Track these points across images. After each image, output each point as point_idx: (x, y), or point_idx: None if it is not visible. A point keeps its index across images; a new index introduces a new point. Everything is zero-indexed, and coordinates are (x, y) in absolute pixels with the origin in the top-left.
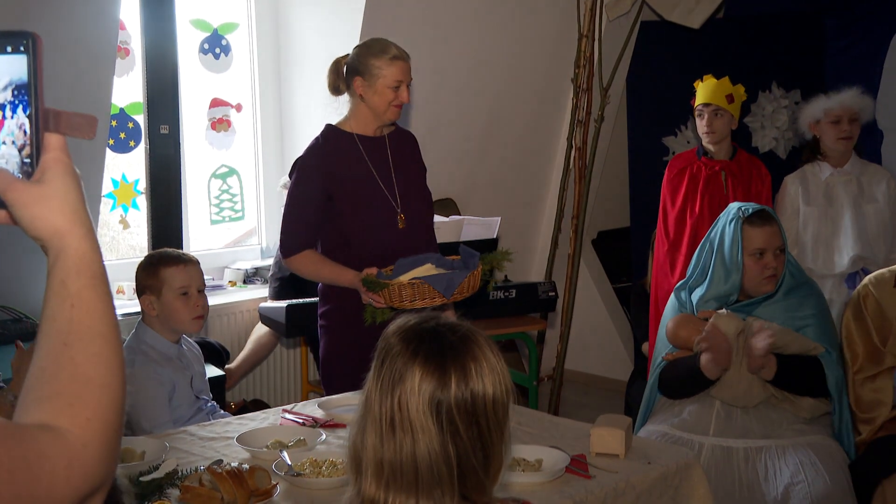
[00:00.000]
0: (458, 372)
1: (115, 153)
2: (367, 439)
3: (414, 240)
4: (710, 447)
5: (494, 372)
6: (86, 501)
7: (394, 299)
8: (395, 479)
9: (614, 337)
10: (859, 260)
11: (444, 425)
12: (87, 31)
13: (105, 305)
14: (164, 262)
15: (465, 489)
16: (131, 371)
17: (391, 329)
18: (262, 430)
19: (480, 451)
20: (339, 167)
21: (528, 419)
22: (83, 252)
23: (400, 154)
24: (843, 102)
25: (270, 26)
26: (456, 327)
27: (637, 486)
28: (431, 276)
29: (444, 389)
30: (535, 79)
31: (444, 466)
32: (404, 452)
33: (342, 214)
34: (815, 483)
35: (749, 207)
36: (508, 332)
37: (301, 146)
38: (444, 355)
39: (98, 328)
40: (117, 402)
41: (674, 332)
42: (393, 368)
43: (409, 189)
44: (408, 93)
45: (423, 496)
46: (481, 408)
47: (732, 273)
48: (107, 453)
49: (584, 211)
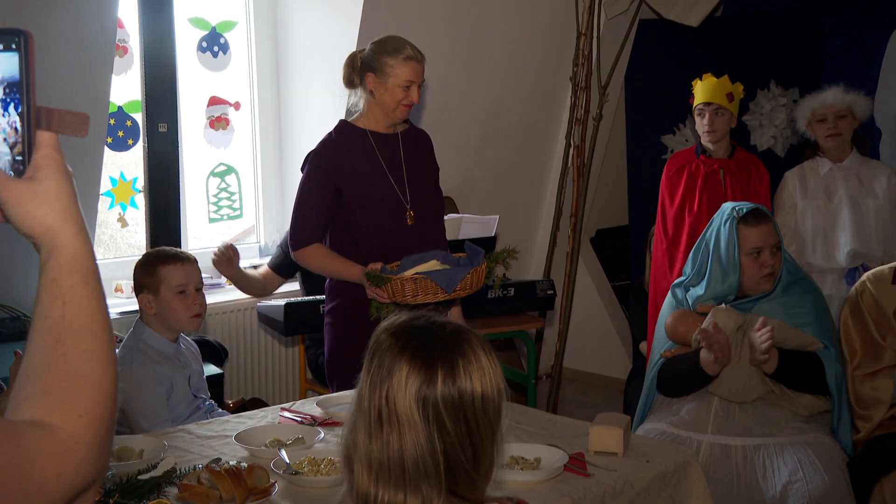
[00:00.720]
0: (445, 368)
1: (113, 151)
2: (358, 435)
3: (423, 237)
4: (708, 445)
5: (484, 370)
6: (78, 498)
7: (396, 294)
8: (383, 474)
9: (613, 335)
10: (857, 255)
11: (431, 420)
12: (85, 30)
13: (97, 303)
14: (161, 261)
15: (454, 485)
16: (129, 369)
17: (382, 326)
18: (260, 428)
19: (469, 448)
20: (350, 161)
21: (526, 417)
22: (75, 250)
23: (413, 152)
24: (825, 101)
25: (269, 24)
26: (446, 325)
27: (635, 485)
28: (434, 272)
29: (430, 385)
30: (534, 77)
31: (430, 461)
32: (391, 447)
33: (350, 208)
34: (813, 481)
35: (743, 207)
36: (507, 330)
37: (299, 144)
38: (433, 351)
39: (89, 325)
40: (109, 399)
41: (672, 328)
42: (382, 364)
43: (421, 186)
44: (418, 93)
45: (411, 491)
46: (469, 405)
47: (730, 273)
48: (98, 450)
49: (582, 209)
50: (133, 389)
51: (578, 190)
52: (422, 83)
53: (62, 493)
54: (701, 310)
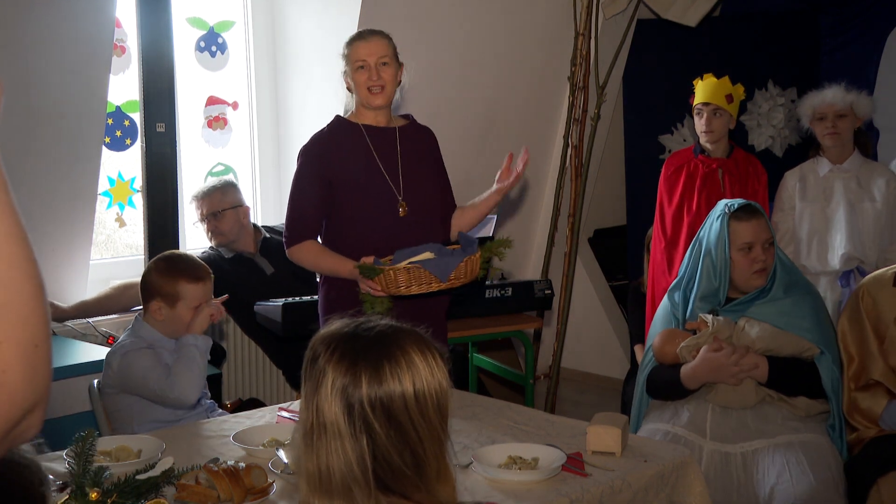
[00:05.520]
0: (369, 371)
1: (111, 151)
2: (299, 449)
3: (417, 228)
4: (708, 452)
5: (417, 370)
6: (22, 422)
7: (389, 286)
8: (317, 485)
9: (611, 335)
10: (852, 259)
11: (358, 425)
12: (83, 29)
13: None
14: (185, 277)
15: (401, 488)
16: (125, 352)
17: (316, 337)
18: (258, 428)
19: (407, 452)
20: (340, 154)
21: (524, 417)
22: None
23: (411, 146)
24: (825, 99)
25: (266, 24)
26: (375, 327)
27: (633, 484)
28: (427, 261)
29: (355, 388)
30: (532, 76)
31: (358, 468)
32: (321, 458)
33: (340, 200)
34: (799, 483)
35: (735, 203)
36: (505, 330)
37: (297, 144)
38: (356, 355)
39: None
40: (30, 318)
41: (660, 348)
42: (313, 375)
43: (418, 180)
44: (386, 72)
45: (340, 498)
46: (400, 407)
47: (721, 269)
48: (31, 372)
49: (580, 209)
50: (130, 365)
51: (576, 190)
52: (384, 62)
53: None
54: (690, 327)
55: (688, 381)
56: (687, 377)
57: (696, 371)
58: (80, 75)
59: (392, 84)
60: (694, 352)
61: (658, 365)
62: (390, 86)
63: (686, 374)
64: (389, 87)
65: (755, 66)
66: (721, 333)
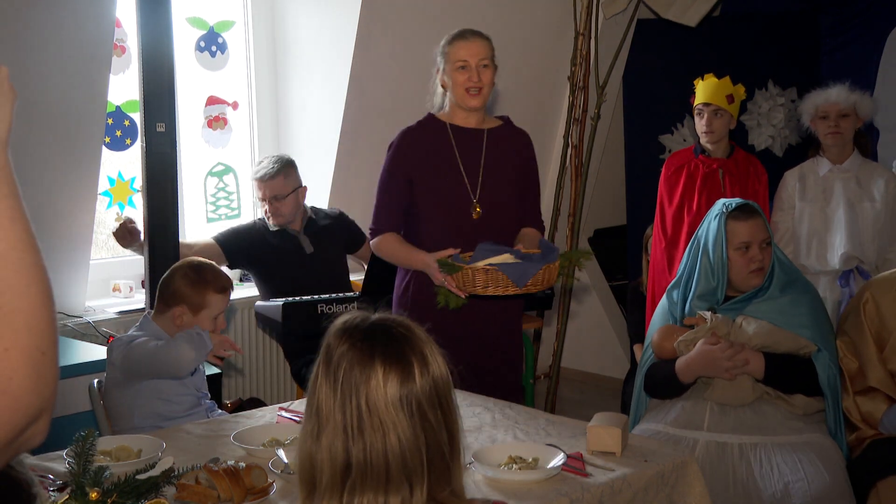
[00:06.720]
0: (418, 360)
1: (111, 151)
2: (327, 448)
3: (489, 231)
4: (704, 443)
5: (437, 351)
6: (28, 429)
7: (466, 284)
8: (362, 480)
9: (611, 335)
10: (851, 258)
11: (415, 415)
12: (83, 29)
13: (10, 222)
14: (213, 287)
15: (432, 481)
16: (130, 342)
17: (332, 333)
18: (258, 428)
19: (445, 433)
20: (422, 152)
21: (524, 417)
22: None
23: (499, 148)
24: (828, 98)
25: (267, 24)
26: (393, 318)
27: (633, 484)
28: (506, 265)
29: (409, 381)
30: (532, 76)
31: (417, 454)
32: (374, 450)
33: (417, 197)
34: (815, 481)
35: (733, 202)
36: None
37: (297, 144)
38: (402, 347)
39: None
40: (37, 325)
41: (659, 345)
42: (351, 372)
43: (497, 183)
44: (486, 74)
45: (392, 492)
46: (442, 388)
47: (718, 268)
48: (37, 379)
49: (580, 209)
50: (133, 349)
51: (576, 190)
52: (484, 63)
53: (5, 431)
54: (688, 322)
55: (682, 373)
56: (681, 369)
57: (691, 363)
58: (80, 75)
59: (489, 86)
60: (691, 346)
61: (656, 361)
62: (487, 88)
63: (681, 367)
64: (487, 89)
65: (755, 66)
66: (719, 330)
